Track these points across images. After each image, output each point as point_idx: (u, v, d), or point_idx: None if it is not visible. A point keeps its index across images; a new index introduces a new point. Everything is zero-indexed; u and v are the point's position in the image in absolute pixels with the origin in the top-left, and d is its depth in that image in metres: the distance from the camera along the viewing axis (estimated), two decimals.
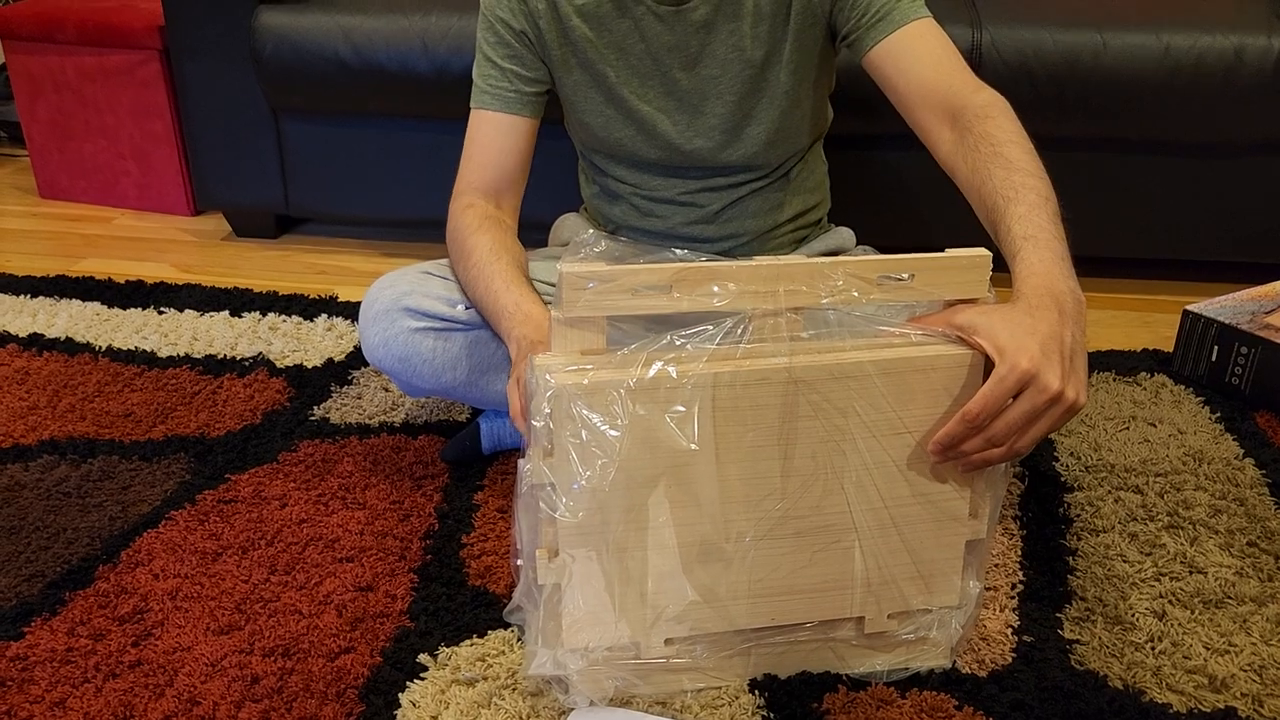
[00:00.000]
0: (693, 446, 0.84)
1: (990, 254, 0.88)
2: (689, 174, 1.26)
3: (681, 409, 0.83)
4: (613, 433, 0.83)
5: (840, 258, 0.93)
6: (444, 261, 1.21)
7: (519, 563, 0.88)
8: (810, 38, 1.17)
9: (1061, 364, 0.81)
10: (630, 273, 0.82)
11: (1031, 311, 0.83)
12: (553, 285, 1.26)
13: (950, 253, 0.87)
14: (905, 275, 0.86)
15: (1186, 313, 1.49)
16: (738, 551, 0.88)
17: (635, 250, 0.95)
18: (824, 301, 0.84)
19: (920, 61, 1.09)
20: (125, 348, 1.57)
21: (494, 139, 1.20)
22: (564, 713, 0.90)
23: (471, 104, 1.21)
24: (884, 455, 0.87)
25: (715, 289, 0.82)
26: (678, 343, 0.84)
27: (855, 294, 0.84)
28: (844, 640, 0.94)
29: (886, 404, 0.86)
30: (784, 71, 1.19)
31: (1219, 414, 1.39)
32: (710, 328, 0.85)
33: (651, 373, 0.82)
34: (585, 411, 0.82)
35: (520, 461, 0.85)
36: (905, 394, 0.86)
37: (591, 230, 1.04)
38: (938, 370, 0.86)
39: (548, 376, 0.81)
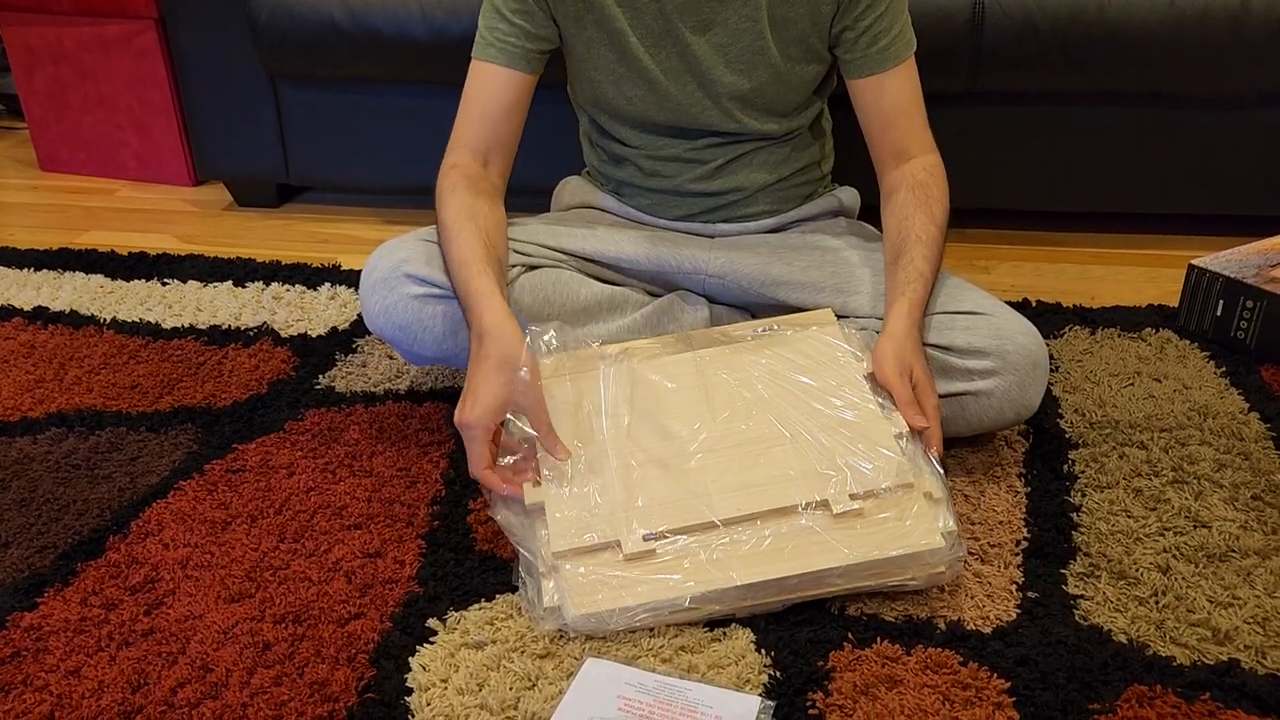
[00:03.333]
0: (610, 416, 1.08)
1: (832, 314, 1.18)
2: (695, 133, 1.25)
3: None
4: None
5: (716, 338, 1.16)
6: None
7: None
8: (822, 14, 1.18)
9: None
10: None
11: (920, 350, 1.10)
12: (552, 249, 1.26)
13: (802, 315, 1.19)
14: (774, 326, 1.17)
15: (1192, 267, 1.48)
16: (691, 463, 1.03)
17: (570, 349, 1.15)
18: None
19: (893, 98, 1.21)
20: (130, 319, 1.58)
21: (493, 93, 1.20)
22: (571, 674, 0.91)
23: (473, 54, 1.21)
24: (780, 388, 1.09)
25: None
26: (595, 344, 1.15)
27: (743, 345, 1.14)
28: (825, 529, 0.97)
29: (769, 359, 1.13)
30: (794, 46, 1.19)
31: (1224, 368, 1.38)
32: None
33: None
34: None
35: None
36: (782, 350, 1.13)
37: (532, 330, 1.13)
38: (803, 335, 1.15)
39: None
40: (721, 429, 1.06)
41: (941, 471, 1.02)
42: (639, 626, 0.96)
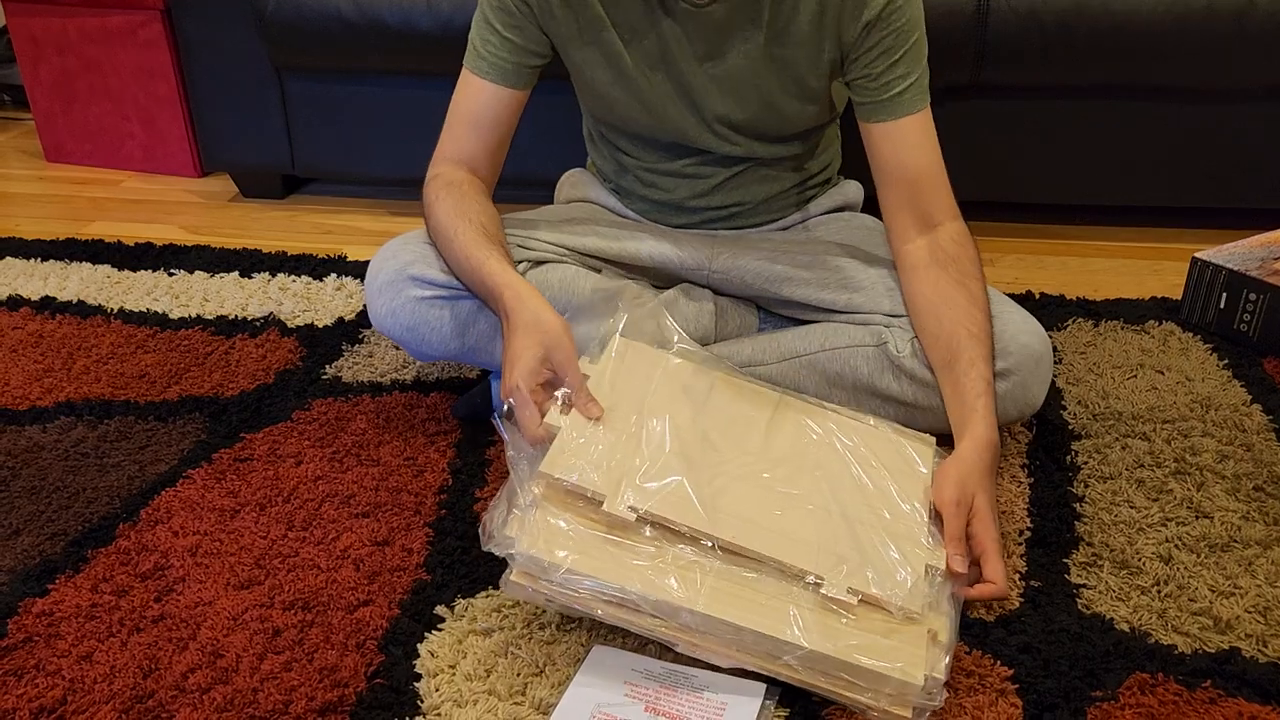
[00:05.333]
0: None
1: (933, 440, 1.10)
2: (693, 151, 1.25)
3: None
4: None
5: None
6: None
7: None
8: (827, 61, 1.16)
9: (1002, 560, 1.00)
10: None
11: (992, 474, 1.03)
12: (555, 246, 1.26)
13: (906, 430, 1.11)
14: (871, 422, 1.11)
15: (1195, 260, 1.48)
16: (718, 479, 0.97)
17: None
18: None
19: (914, 155, 1.15)
20: (137, 310, 1.58)
21: (481, 108, 1.20)
22: (579, 661, 0.92)
23: (465, 63, 1.20)
24: (842, 468, 1.03)
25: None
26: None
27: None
28: (807, 607, 0.89)
29: (850, 439, 1.07)
30: (792, 84, 1.18)
31: (1227, 361, 1.39)
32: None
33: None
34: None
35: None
36: (866, 440, 1.08)
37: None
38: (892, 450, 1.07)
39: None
40: (764, 467, 1.00)
41: (958, 619, 0.93)
42: (572, 603, 0.88)
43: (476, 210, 1.15)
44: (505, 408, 0.98)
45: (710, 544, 0.91)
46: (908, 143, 1.15)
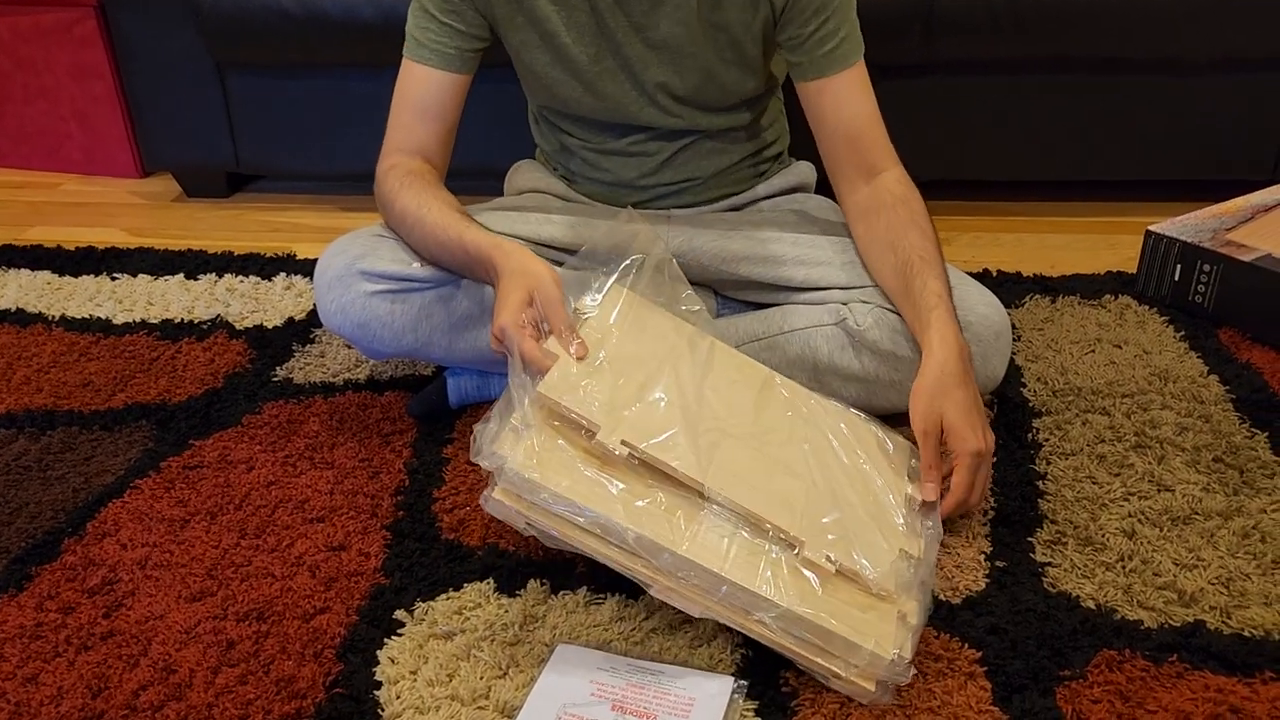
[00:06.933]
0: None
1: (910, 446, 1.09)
2: (635, 129, 1.24)
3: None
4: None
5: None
6: None
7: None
8: (760, 22, 1.16)
9: (982, 427, 1.02)
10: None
11: (961, 382, 1.03)
12: (509, 236, 1.23)
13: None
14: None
15: (1149, 233, 1.49)
16: (711, 431, 0.96)
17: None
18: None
19: (852, 109, 1.16)
20: (79, 316, 1.54)
21: (427, 95, 1.18)
22: (543, 661, 0.90)
23: (404, 52, 1.18)
24: (827, 443, 1.03)
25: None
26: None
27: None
28: (786, 568, 0.89)
29: (839, 422, 1.07)
30: (727, 50, 1.17)
31: (1183, 333, 1.40)
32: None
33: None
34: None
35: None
36: (855, 428, 1.08)
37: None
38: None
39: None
40: (756, 432, 1.00)
41: (929, 605, 0.93)
42: (552, 527, 0.87)
43: (441, 193, 1.15)
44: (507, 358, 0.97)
45: (699, 495, 0.91)
46: (846, 97, 1.16)
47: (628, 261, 1.08)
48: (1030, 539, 1.04)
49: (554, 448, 0.89)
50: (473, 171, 1.58)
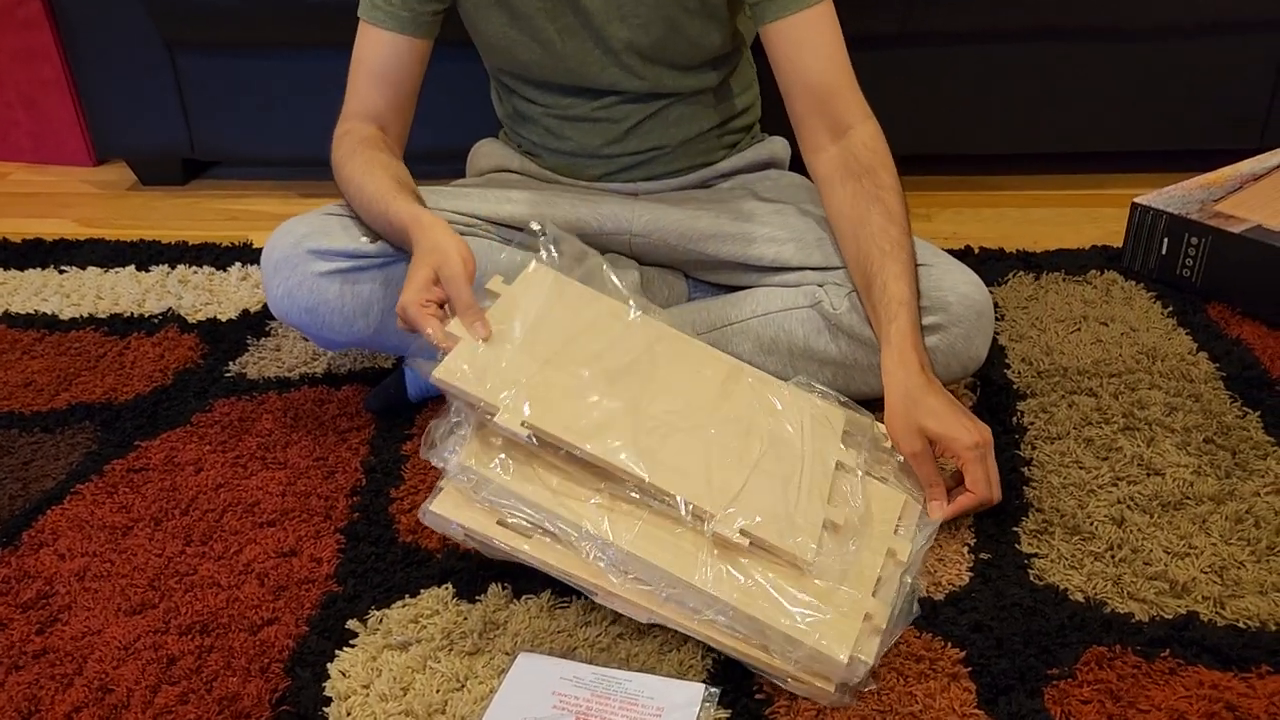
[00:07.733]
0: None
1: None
2: (600, 93, 1.18)
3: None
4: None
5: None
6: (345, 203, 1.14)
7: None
8: None
9: (970, 420, 0.98)
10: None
11: (929, 390, 0.98)
12: (469, 216, 1.18)
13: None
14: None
15: (1135, 206, 1.44)
16: (652, 419, 0.91)
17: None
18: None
19: (816, 54, 1.08)
20: (23, 311, 1.47)
21: (383, 60, 1.13)
22: (503, 672, 0.85)
23: (360, 13, 1.12)
24: (784, 441, 0.96)
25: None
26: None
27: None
28: (722, 561, 0.85)
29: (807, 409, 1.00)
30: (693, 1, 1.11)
31: (1171, 308, 1.35)
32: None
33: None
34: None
35: None
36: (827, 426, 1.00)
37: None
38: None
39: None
40: (696, 420, 0.93)
41: (913, 611, 0.89)
42: (494, 535, 0.85)
43: (388, 162, 1.10)
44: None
45: (639, 485, 0.87)
46: (809, 42, 1.08)
47: (544, 237, 1.03)
48: (1016, 529, 0.99)
49: (501, 447, 0.87)
50: (434, 155, 1.52)
